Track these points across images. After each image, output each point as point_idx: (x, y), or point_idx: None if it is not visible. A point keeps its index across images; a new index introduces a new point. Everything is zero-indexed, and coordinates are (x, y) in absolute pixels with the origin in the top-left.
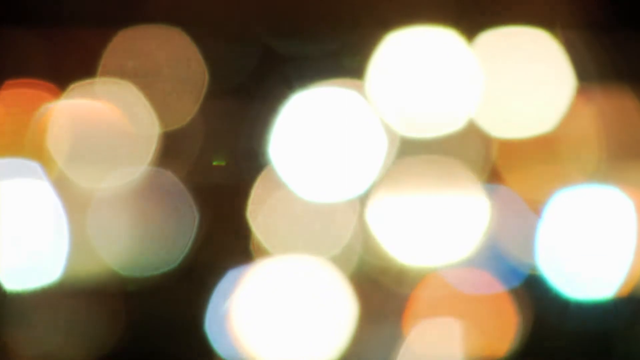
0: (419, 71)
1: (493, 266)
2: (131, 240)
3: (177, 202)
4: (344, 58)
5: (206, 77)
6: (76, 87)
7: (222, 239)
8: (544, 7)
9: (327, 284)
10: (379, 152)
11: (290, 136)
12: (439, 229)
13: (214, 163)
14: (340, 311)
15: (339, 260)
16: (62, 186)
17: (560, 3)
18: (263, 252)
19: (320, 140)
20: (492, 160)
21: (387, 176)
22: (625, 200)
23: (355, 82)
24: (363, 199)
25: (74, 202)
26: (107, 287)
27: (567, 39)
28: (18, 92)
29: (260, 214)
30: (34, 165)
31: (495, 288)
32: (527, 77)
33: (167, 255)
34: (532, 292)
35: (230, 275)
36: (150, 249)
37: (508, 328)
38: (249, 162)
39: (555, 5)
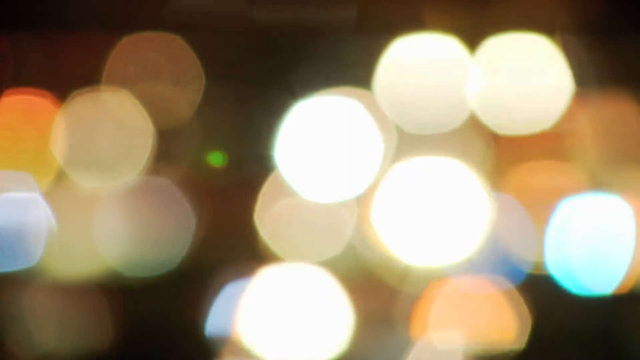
0: (421, 75)
1: (495, 265)
2: (130, 241)
3: (176, 205)
4: (345, 64)
5: (203, 80)
6: (74, 94)
7: (223, 241)
8: (544, 13)
9: (327, 291)
10: (380, 153)
11: (292, 139)
12: (442, 229)
13: (213, 163)
14: (341, 316)
15: (341, 260)
16: (61, 189)
17: (559, 9)
18: (266, 254)
19: (321, 141)
20: (493, 160)
21: (389, 176)
22: (625, 206)
23: (356, 89)
24: (365, 199)
25: (74, 204)
26: (106, 288)
27: (567, 43)
28: (16, 100)
29: (264, 215)
30: (26, 175)
31: (498, 287)
32: (527, 81)
33: (165, 256)
34: (535, 290)
35: (231, 277)
36: (149, 250)
37: (512, 327)
38: (251, 163)
39: (554, 11)
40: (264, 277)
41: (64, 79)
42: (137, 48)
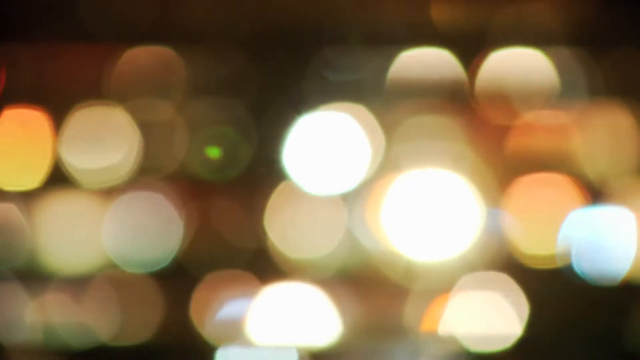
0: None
1: (496, 261)
2: (128, 241)
3: (168, 204)
4: (346, 77)
5: (190, 86)
6: (68, 107)
7: (222, 242)
8: (541, 23)
9: (325, 291)
10: (373, 156)
11: (293, 144)
12: (442, 225)
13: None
14: (339, 312)
15: (341, 256)
16: (59, 191)
17: (556, 20)
18: (268, 253)
19: (320, 145)
20: (493, 166)
21: (390, 176)
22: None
23: (354, 102)
24: (366, 196)
25: (71, 205)
26: (103, 285)
27: (562, 56)
28: (8, 113)
29: (268, 212)
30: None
31: (498, 283)
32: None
33: (157, 254)
34: (535, 285)
35: (230, 277)
36: (143, 247)
37: (511, 323)
38: (250, 164)
39: (551, 22)
40: (264, 278)
41: (57, 92)
42: (134, 61)
